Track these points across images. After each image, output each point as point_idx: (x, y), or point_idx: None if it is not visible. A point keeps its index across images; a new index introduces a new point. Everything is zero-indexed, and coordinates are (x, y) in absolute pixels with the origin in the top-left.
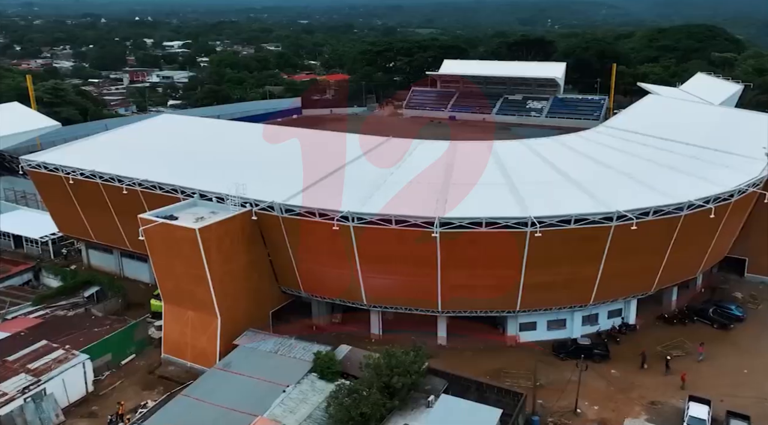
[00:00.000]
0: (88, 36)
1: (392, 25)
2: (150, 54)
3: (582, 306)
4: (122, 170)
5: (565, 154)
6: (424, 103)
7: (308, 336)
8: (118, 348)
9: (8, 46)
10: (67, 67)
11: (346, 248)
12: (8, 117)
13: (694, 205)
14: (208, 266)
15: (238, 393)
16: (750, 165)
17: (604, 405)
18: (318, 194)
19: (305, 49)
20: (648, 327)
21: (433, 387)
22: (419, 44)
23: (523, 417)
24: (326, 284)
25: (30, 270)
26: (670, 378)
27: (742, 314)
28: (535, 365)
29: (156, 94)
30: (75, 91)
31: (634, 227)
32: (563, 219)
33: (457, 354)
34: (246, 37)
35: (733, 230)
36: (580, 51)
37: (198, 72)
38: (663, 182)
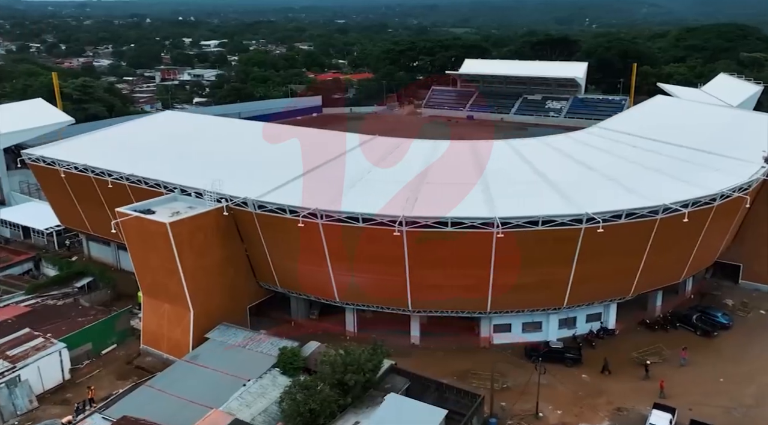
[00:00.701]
0: (130, 36)
1: (426, 25)
2: (183, 53)
3: (556, 309)
4: (113, 164)
5: (549, 155)
6: (443, 103)
7: (286, 331)
8: (99, 337)
9: (55, 45)
10: (104, 65)
11: (317, 245)
12: (29, 112)
13: (670, 208)
14: (179, 260)
15: (201, 385)
16: (743, 169)
17: (568, 410)
18: (293, 191)
19: (336, 49)
20: (628, 332)
21: (394, 386)
22: (441, 44)
23: (480, 418)
24: (300, 280)
25: (30, 260)
26: (643, 384)
27: (728, 322)
28: (493, 366)
29: (184, 92)
30: (104, 88)
31: (601, 229)
32: (531, 220)
33: (429, 353)
34: (280, 37)
35: (720, 236)
36: (602, 51)
37: (228, 70)
38: (645, 185)
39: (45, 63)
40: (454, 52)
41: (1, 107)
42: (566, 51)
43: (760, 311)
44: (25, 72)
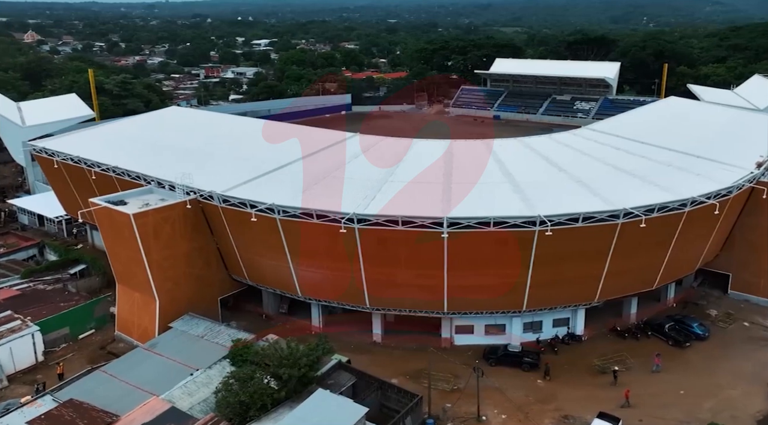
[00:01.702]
0: (187, 35)
1: (477, 24)
2: (230, 51)
3: (516, 312)
4: (105, 156)
5: (524, 156)
6: (471, 102)
7: (256, 325)
8: (77, 322)
9: (115, 44)
10: (155, 63)
11: (276, 240)
12: (59, 106)
13: (632, 213)
14: (144, 251)
15: (151, 372)
16: (728, 174)
17: (513, 415)
18: (261, 186)
19: (379, 48)
20: (597, 339)
21: (338, 383)
22: (474, 43)
23: (416, 418)
24: (265, 274)
25: (35, 246)
26: (598, 392)
27: (703, 333)
28: (430, 365)
29: (222, 89)
30: (144, 85)
31: (549, 232)
32: (482, 221)
33: (389, 351)
34: (329, 36)
35: (699, 243)
36: (636, 50)
37: (268, 69)
38: (613, 189)
39: (103, 61)
40: (486, 51)
41: (36, 101)
42: (603, 51)
43: (743, 323)
44: (73, 69)
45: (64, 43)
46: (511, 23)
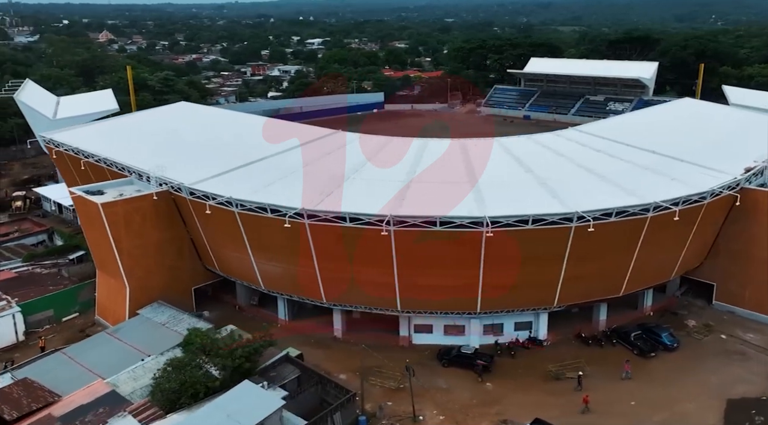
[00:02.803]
0: (245, 34)
1: (534, 23)
2: (279, 50)
3: (471, 314)
4: (100, 147)
5: (495, 155)
6: (502, 102)
7: (228, 317)
8: (61, 305)
9: (176, 43)
10: (208, 61)
11: (238, 233)
12: (91, 101)
13: (583, 218)
14: (113, 239)
15: (107, 357)
16: (708, 179)
17: (452, 417)
18: (231, 180)
19: (427, 47)
20: (561, 344)
21: (280, 375)
22: (511, 42)
23: (348, 415)
24: (232, 266)
25: (45, 232)
26: (546, 398)
27: (671, 344)
28: (361, 362)
29: (263, 86)
30: (186, 82)
31: (490, 233)
32: (428, 221)
33: (346, 347)
34: (381, 35)
35: (671, 250)
36: (677, 50)
37: (314, 67)
38: (575, 192)
39: (161, 59)
40: (522, 50)
41: (74, 96)
42: (647, 50)
43: (721, 335)
44: (123, 66)
45: (132, 42)
46: (570, 22)
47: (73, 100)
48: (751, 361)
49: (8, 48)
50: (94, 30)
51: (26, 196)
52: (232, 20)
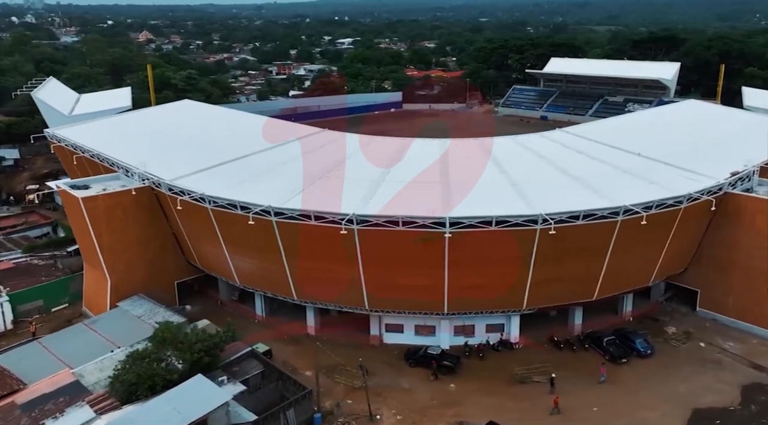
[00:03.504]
0: (278, 34)
1: (569, 22)
2: (306, 50)
3: (440, 314)
4: (96, 142)
5: (472, 156)
6: (520, 102)
7: (210, 310)
8: (51, 296)
9: (210, 42)
10: (236, 60)
11: (212, 229)
12: (108, 98)
13: (548, 220)
14: (94, 233)
15: (80, 347)
16: (689, 183)
17: (409, 417)
18: (210, 177)
19: (454, 46)
20: (532, 347)
21: (242, 370)
22: (532, 42)
23: (303, 412)
24: (210, 262)
25: (49, 225)
26: (505, 402)
27: (645, 350)
28: (316, 360)
29: (285, 85)
30: (209, 80)
31: (448, 234)
32: (390, 220)
33: (314, 344)
34: (412, 35)
35: (647, 255)
36: (700, 50)
37: (331, 66)
38: (546, 194)
39: (193, 58)
40: (543, 50)
41: (94, 94)
42: (673, 51)
43: (700, 343)
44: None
45: (170, 41)
46: (606, 21)
47: (92, 98)
48: (726, 371)
49: (51, 47)
50: (136, 30)
51: (39, 189)
52: (270, 20)
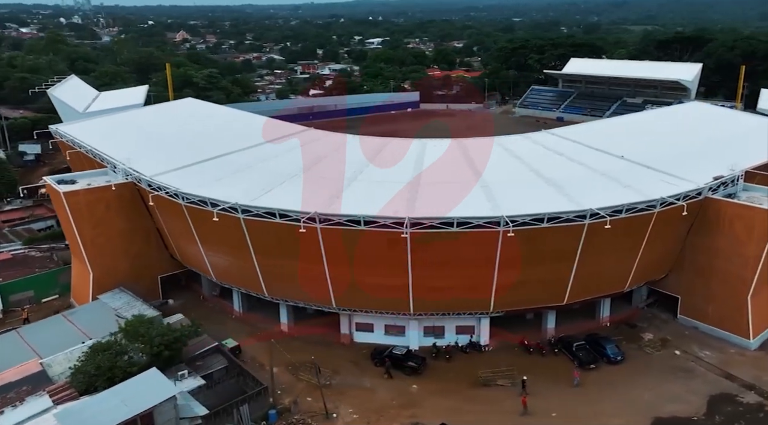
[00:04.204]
0: (309, 34)
1: (604, 22)
2: (332, 50)
3: (407, 314)
4: (94, 139)
5: (448, 156)
6: (537, 103)
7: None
8: (41, 287)
9: (241, 42)
10: (264, 60)
11: (186, 225)
12: (125, 96)
13: (515, 221)
14: (76, 227)
15: (54, 338)
16: (665, 188)
17: (365, 416)
18: (190, 173)
19: (481, 46)
20: (502, 351)
21: (206, 365)
22: (553, 42)
23: (259, 407)
24: (188, 257)
25: (53, 218)
26: (461, 405)
27: (614, 356)
28: (270, 357)
29: (306, 84)
30: (231, 79)
31: (404, 235)
32: (352, 220)
33: (289, 341)
34: (442, 35)
35: (620, 259)
36: (723, 51)
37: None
38: (514, 196)
39: (223, 58)
40: (563, 50)
41: (112, 92)
42: (699, 51)
43: (675, 351)
44: (174, 64)
45: (204, 41)
46: (644, 21)
47: (110, 96)
48: (696, 380)
49: (90, 47)
50: (174, 30)
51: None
52: (305, 20)
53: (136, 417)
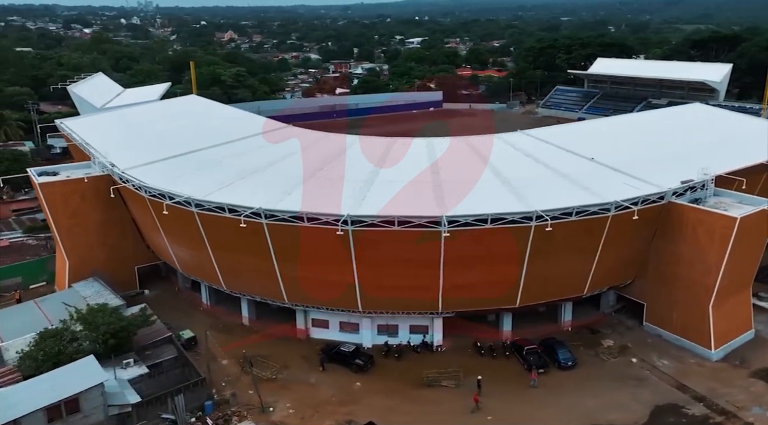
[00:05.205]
0: (351, 33)
1: (656, 21)
2: (366, 49)
3: (355, 312)
4: (90, 134)
5: (413, 154)
6: (560, 103)
7: (166, 295)
8: (29, 274)
9: (283, 42)
10: (300, 58)
11: (151, 218)
12: (145, 93)
13: (456, 222)
14: (51, 216)
15: (21, 324)
16: (630, 191)
17: (301, 411)
18: (162, 168)
19: (519, 46)
20: (454, 352)
21: (155, 354)
22: (581, 41)
23: (196, 398)
24: (158, 249)
25: None
26: (400, 405)
27: (565, 362)
28: (207, 349)
29: (333, 83)
30: (258, 78)
31: (340, 232)
32: (295, 215)
33: (245, 334)
34: (483, 34)
35: (578, 263)
36: (756, 51)
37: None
38: (466, 196)
39: (262, 57)
40: (592, 50)
41: (136, 89)
42: (733, 52)
43: (632, 359)
44: (206, 62)
45: (250, 41)
46: (698, 20)
47: (132, 93)
48: (646, 389)
49: (139, 47)
50: (224, 30)
51: None
52: (353, 20)
53: (60, 403)
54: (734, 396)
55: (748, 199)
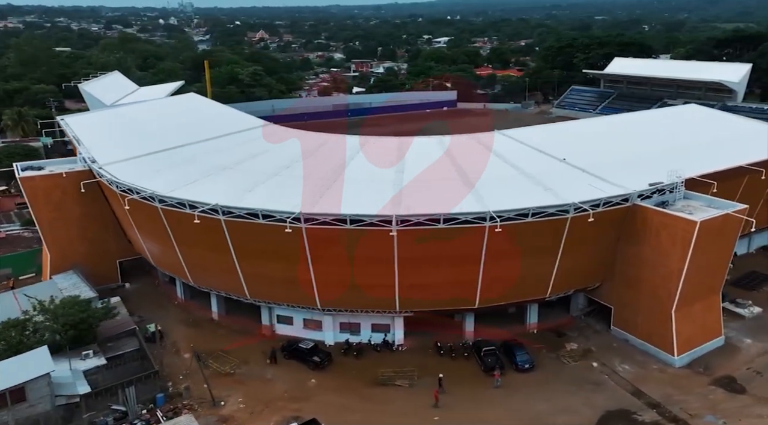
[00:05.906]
0: (378, 33)
1: (694, 20)
2: (389, 48)
3: (310, 309)
4: (86, 130)
5: (384, 153)
6: (575, 103)
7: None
8: (19, 265)
9: (309, 41)
10: (325, 58)
11: (124, 213)
12: (158, 91)
13: (408, 221)
14: (33, 210)
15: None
16: (595, 192)
17: (252, 406)
18: (138, 164)
19: (544, 46)
20: (415, 351)
21: (116, 346)
22: (599, 40)
23: (148, 391)
24: (135, 244)
25: None
26: (351, 403)
27: (522, 364)
28: (158, 343)
29: (351, 82)
30: (276, 77)
31: (288, 230)
32: (250, 212)
33: (214, 330)
34: (511, 34)
35: (539, 265)
36: None
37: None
38: (422, 195)
39: (287, 56)
40: (609, 49)
41: (150, 87)
42: None
43: (592, 363)
44: (226, 61)
45: (280, 40)
46: (737, 18)
47: (146, 90)
48: (601, 394)
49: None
50: (256, 30)
51: None
52: (385, 20)
53: (5, 392)
54: (690, 404)
55: (718, 203)
